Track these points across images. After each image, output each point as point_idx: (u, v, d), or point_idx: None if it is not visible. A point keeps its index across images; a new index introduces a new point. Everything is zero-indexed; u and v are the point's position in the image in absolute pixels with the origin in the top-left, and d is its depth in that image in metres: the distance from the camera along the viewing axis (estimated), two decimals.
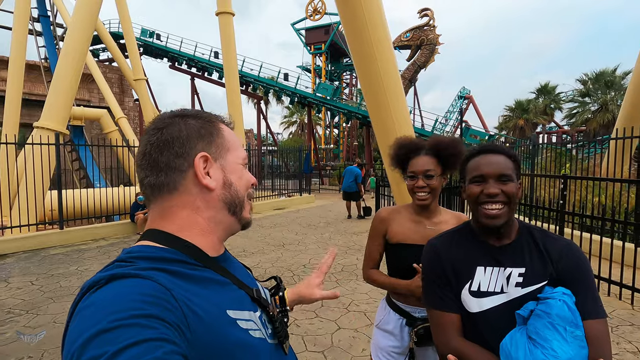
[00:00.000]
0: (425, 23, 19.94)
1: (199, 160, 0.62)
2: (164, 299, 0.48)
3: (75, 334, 0.43)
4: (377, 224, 1.52)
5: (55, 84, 7.10)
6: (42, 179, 6.65)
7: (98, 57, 25.00)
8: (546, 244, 0.97)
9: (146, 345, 0.41)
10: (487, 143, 1.06)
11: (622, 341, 3.01)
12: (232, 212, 0.67)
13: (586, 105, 21.90)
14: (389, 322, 1.49)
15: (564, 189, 4.45)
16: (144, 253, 0.56)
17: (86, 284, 0.50)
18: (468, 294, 0.98)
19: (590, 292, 0.91)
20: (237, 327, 0.57)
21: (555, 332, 0.81)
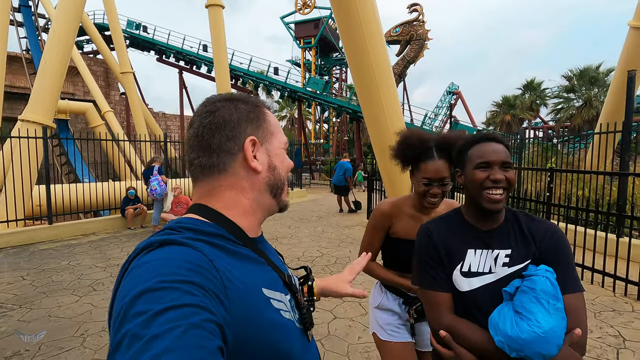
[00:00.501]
0: (415, 18, 19.99)
1: (249, 143, 0.65)
2: (206, 269, 0.51)
3: (127, 289, 0.47)
4: (381, 218, 1.53)
5: (40, 76, 6.93)
6: (29, 173, 6.51)
7: (82, 49, 24.37)
8: (531, 227, 1.05)
9: (185, 310, 0.44)
10: (487, 132, 1.12)
11: (604, 325, 3.16)
12: (274, 194, 0.70)
13: (571, 101, 22.41)
14: (388, 302, 1.57)
15: (550, 181, 4.59)
16: (192, 225, 0.59)
17: (139, 246, 0.54)
18: (459, 275, 1.05)
19: (569, 269, 0.99)
20: (270, 305, 0.59)
21: (539, 305, 0.88)
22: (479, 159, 1.05)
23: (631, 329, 3.09)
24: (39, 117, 6.76)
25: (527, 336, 0.86)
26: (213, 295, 0.49)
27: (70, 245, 6.21)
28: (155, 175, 7.11)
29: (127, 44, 22.09)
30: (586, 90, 21.53)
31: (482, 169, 1.04)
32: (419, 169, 1.41)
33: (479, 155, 1.06)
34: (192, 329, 0.42)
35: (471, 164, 1.07)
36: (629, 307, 3.53)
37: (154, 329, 0.41)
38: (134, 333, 0.41)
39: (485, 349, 0.95)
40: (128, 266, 0.52)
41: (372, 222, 1.57)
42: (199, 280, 0.48)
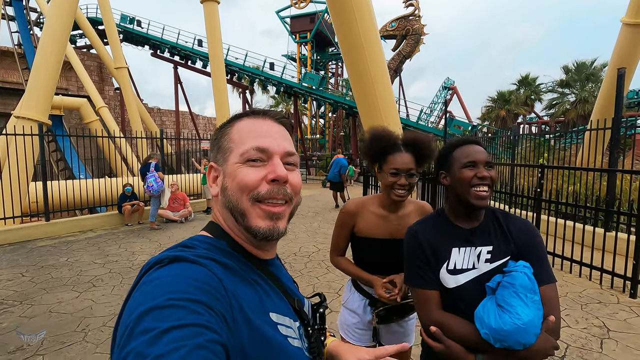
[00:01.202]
0: (411, 13, 19.96)
1: (208, 171, 0.69)
2: (215, 288, 0.51)
3: (134, 305, 0.47)
4: (346, 217, 1.55)
5: (35, 72, 6.90)
6: (25, 170, 6.51)
7: (75, 43, 24.09)
8: (508, 224, 1.14)
9: (191, 330, 0.43)
10: (470, 135, 1.21)
11: (590, 317, 3.27)
12: (235, 219, 0.63)
13: (565, 96, 22.57)
14: (353, 302, 1.59)
15: (541, 177, 4.69)
16: (204, 242, 0.61)
17: (152, 260, 0.55)
18: (446, 272, 1.12)
19: (543, 263, 1.09)
20: (278, 331, 0.58)
21: (518, 299, 0.97)
22: (465, 159, 1.14)
23: (615, 320, 3.21)
24: (34, 114, 6.76)
25: (509, 328, 0.95)
26: (220, 315, 0.49)
27: (68, 242, 6.24)
28: (151, 172, 7.13)
29: (121, 38, 21.87)
30: (581, 86, 21.69)
31: (470, 168, 1.13)
32: (387, 162, 1.45)
33: (465, 155, 1.14)
34: (197, 349, 0.42)
35: (458, 164, 1.15)
36: (615, 299, 3.65)
37: (159, 348, 0.41)
38: (138, 351, 0.41)
39: (473, 340, 1.04)
40: (139, 280, 0.53)
41: (338, 220, 1.60)
42: (207, 300, 0.48)
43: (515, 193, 5.33)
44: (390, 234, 1.50)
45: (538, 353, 0.97)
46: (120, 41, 19.17)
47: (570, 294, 3.79)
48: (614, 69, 7.95)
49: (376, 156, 1.49)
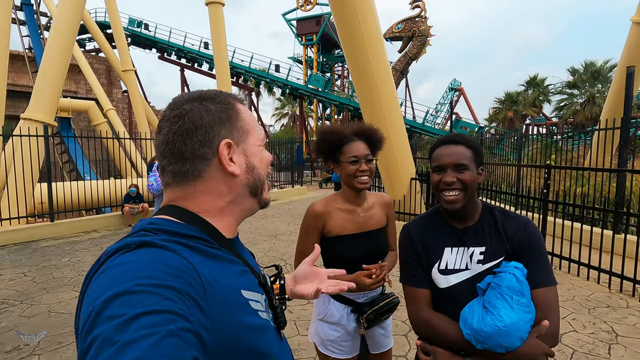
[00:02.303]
0: (417, 14, 19.92)
1: (224, 147, 0.62)
2: (187, 273, 0.49)
3: (99, 290, 0.44)
4: (312, 220, 1.49)
5: (42, 74, 6.98)
6: (31, 171, 6.58)
7: (84, 47, 24.43)
8: (505, 223, 1.09)
9: (163, 316, 0.42)
10: (450, 134, 1.17)
11: (597, 321, 3.17)
12: (254, 194, 0.68)
13: (574, 97, 22.27)
14: (333, 313, 1.49)
15: (547, 178, 4.59)
16: (167, 227, 0.57)
17: (114, 246, 0.51)
18: (437, 272, 1.10)
19: (541, 263, 1.03)
20: (250, 307, 0.59)
21: (503, 301, 0.94)
22: (434, 163, 1.12)
23: (624, 325, 3.10)
24: (40, 116, 6.82)
25: (489, 329, 0.93)
26: (192, 301, 0.47)
27: (71, 242, 6.28)
28: (153, 172, 7.16)
29: (129, 41, 22.14)
30: (590, 87, 21.38)
31: (437, 172, 1.10)
32: (343, 152, 1.47)
33: (434, 158, 1.12)
34: (169, 337, 0.40)
35: (432, 167, 1.14)
36: (624, 303, 3.54)
37: (129, 334, 0.39)
38: (106, 337, 0.39)
39: (457, 340, 1.01)
40: (99, 268, 0.50)
41: (303, 225, 1.51)
42: (179, 285, 0.46)
43: (521, 194, 5.23)
44: (360, 227, 1.50)
45: (525, 357, 0.93)
46: (128, 44, 19.41)
47: (578, 297, 3.68)
48: (624, 68, 7.80)
49: (330, 151, 1.51)
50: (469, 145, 1.09)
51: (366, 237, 1.49)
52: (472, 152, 1.09)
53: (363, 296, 1.48)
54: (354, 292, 1.47)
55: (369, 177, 1.46)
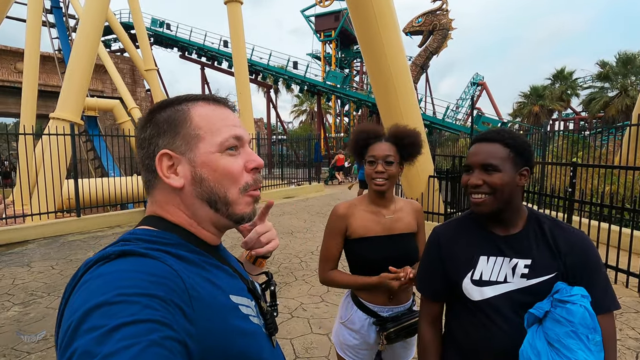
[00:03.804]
0: (438, 7, 19.47)
1: (158, 159, 0.60)
2: (171, 280, 0.48)
3: (79, 303, 0.44)
4: (336, 221, 1.46)
5: (69, 75, 7.26)
6: (59, 168, 6.87)
7: (110, 47, 25.24)
8: (555, 236, 0.96)
9: (145, 326, 0.41)
10: (490, 129, 1.07)
11: (625, 327, 3.02)
12: (215, 208, 0.62)
13: (604, 90, 21.23)
14: (354, 321, 1.45)
15: (573, 176, 4.40)
16: (148, 236, 0.56)
17: (93, 258, 0.50)
18: (470, 283, 0.99)
19: (603, 286, 0.92)
20: (239, 312, 0.58)
21: (579, 341, 0.80)
22: (466, 161, 1.03)
23: None
24: (67, 115, 7.11)
25: None
26: (176, 307, 0.46)
27: (97, 236, 6.53)
28: None
29: (151, 41, 22.70)
30: (622, 78, 20.31)
31: (467, 173, 1.02)
32: (367, 152, 1.45)
33: (467, 157, 1.03)
34: (152, 346, 0.40)
35: (464, 166, 1.05)
36: None
37: (110, 346, 0.38)
38: (85, 350, 0.38)
39: None
40: (79, 280, 0.49)
41: (327, 227, 1.49)
42: (161, 293, 0.45)
43: (545, 193, 5.04)
44: (387, 229, 1.44)
45: None
46: (151, 44, 19.90)
47: None
48: None
49: (359, 150, 1.48)
50: (507, 144, 0.96)
51: (393, 240, 1.42)
52: (510, 151, 0.96)
53: (388, 310, 1.42)
54: (379, 305, 1.42)
55: (386, 180, 1.39)
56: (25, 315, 3.36)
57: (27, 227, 6.41)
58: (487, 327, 0.96)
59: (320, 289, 3.90)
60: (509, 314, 0.94)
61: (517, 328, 0.91)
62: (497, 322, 0.95)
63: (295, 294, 3.80)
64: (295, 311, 3.41)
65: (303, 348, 2.79)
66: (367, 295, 1.44)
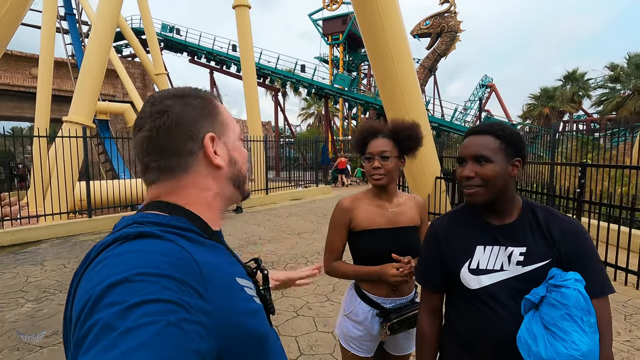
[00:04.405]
0: (446, 9, 19.38)
1: (209, 140, 0.63)
2: (186, 262, 0.49)
3: (98, 278, 0.44)
4: (340, 214, 1.49)
5: (81, 79, 7.44)
6: (71, 170, 7.03)
7: (121, 52, 25.71)
8: (549, 224, 0.98)
9: (163, 306, 0.42)
10: (482, 123, 1.09)
11: (634, 329, 2.98)
12: (237, 186, 0.70)
13: (616, 91, 20.88)
14: (358, 313, 1.47)
15: (581, 177, 4.35)
16: (158, 220, 0.57)
17: (109, 238, 0.51)
18: (467, 272, 1.01)
19: (597, 270, 0.93)
20: (245, 293, 0.60)
21: (574, 323, 0.82)
22: (459, 155, 1.06)
23: None
24: (79, 118, 7.28)
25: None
26: (192, 290, 0.47)
27: None
28: None
29: (162, 46, 23.06)
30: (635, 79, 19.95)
31: (460, 165, 1.04)
32: (366, 149, 1.47)
33: (460, 150, 1.06)
34: (171, 326, 0.41)
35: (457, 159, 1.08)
36: None
37: (131, 322, 0.39)
38: (107, 322, 0.39)
39: None
40: (95, 257, 0.50)
41: (332, 220, 1.52)
42: (178, 275, 0.47)
43: (553, 194, 4.98)
44: (390, 222, 1.46)
45: None
46: (161, 49, 20.21)
47: (614, 303, 3.47)
48: None
49: (361, 148, 1.50)
50: (498, 135, 0.98)
51: (396, 232, 1.45)
52: (502, 142, 0.98)
53: (391, 302, 1.44)
54: (382, 297, 1.44)
55: (383, 176, 1.42)
56: (39, 312, 3.45)
57: (40, 227, 6.56)
58: (485, 315, 0.98)
59: (325, 288, 3.92)
60: (506, 301, 0.95)
61: (515, 314, 0.93)
62: (495, 309, 0.96)
63: (301, 292, 3.83)
64: (301, 310, 3.43)
65: (308, 345, 2.81)
66: (371, 287, 1.46)
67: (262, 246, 5.75)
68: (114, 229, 0.57)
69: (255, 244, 5.95)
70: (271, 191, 11.29)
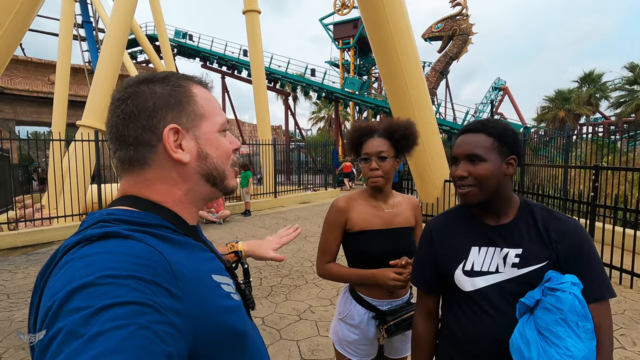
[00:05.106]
0: (458, 12, 19.25)
1: (168, 133, 0.58)
2: (155, 261, 0.47)
3: (60, 284, 0.42)
4: (335, 215, 1.46)
5: (94, 84, 7.62)
6: (83, 173, 7.18)
7: (136, 59, 26.32)
8: (547, 224, 0.94)
9: (133, 308, 0.40)
10: (475, 120, 1.06)
11: None
12: (212, 183, 0.64)
13: (635, 93, 20.29)
14: (354, 316, 1.45)
15: (595, 180, 4.21)
16: (128, 216, 0.54)
17: (72, 239, 0.48)
18: (462, 274, 0.98)
19: (597, 273, 0.89)
20: (222, 290, 0.59)
21: (568, 328, 0.79)
22: (452, 154, 1.03)
23: None
24: (92, 122, 7.44)
25: None
26: (163, 289, 0.46)
27: None
28: None
29: (175, 52, 23.50)
30: None
31: (454, 164, 1.02)
32: (362, 150, 1.44)
33: (453, 149, 1.03)
34: (141, 329, 0.39)
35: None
36: None
37: (98, 326, 0.37)
38: (70, 330, 0.37)
39: None
40: (58, 261, 0.47)
41: (326, 220, 1.49)
42: (147, 276, 0.44)
43: (566, 197, 4.84)
44: (386, 223, 1.44)
45: None
46: (174, 55, 20.60)
47: (629, 311, 3.32)
48: None
49: (355, 149, 1.47)
50: (491, 133, 0.95)
51: (392, 233, 1.43)
52: (495, 140, 0.95)
53: (387, 304, 1.42)
54: (377, 299, 1.42)
55: (381, 177, 1.40)
56: None
57: (53, 228, 6.71)
58: (479, 318, 0.95)
59: (329, 292, 3.88)
60: (500, 304, 0.93)
61: (509, 318, 0.90)
62: (489, 312, 0.94)
63: (304, 296, 3.79)
64: (304, 313, 3.40)
65: (309, 350, 2.78)
66: (366, 289, 1.43)
67: None
68: (80, 227, 0.55)
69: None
70: (280, 194, 11.31)
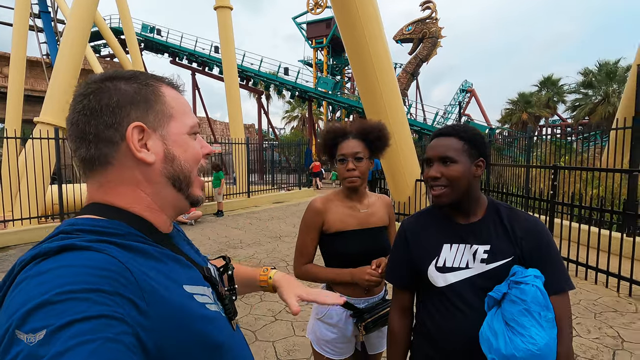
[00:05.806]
0: (428, 16, 19.84)
1: (132, 131, 0.55)
2: (118, 273, 0.45)
3: (17, 303, 0.40)
4: (313, 216, 1.47)
5: (54, 78, 7.19)
6: (42, 173, 6.76)
7: (99, 53, 25.06)
8: (512, 222, 1.01)
9: (97, 322, 0.38)
10: (446, 125, 1.13)
11: (603, 326, 3.07)
12: (178, 188, 0.61)
13: (589, 97, 21.75)
14: (332, 315, 1.46)
15: (554, 179, 4.48)
16: (91, 226, 0.51)
17: (29, 254, 0.46)
18: (434, 270, 1.03)
19: (557, 267, 0.96)
20: (195, 301, 0.56)
21: (531, 318, 0.85)
22: (424, 156, 1.08)
23: (631, 330, 2.99)
24: (52, 119, 7.01)
25: (522, 355, 0.82)
26: (127, 301, 0.44)
27: None
28: None
29: (142, 47, 22.59)
30: (604, 86, 20.85)
31: (427, 166, 1.06)
32: (337, 151, 1.47)
33: (426, 151, 1.08)
34: (109, 342, 0.37)
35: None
36: (633, 308, 3.41)
37: (59, 345, 0.35)
38: (28, 353, 0.35)
39: None
40: (14, 278, 0.44)
41: (303, 222, 1.50)
42: (111, 288, 0.43)
43: (528, 196, 5.11)
44: (361, 223, 1.47)
45: None
46: (141, 50, 19.81)
47: (584, 301, 3.57)
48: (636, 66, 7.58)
49: (329, 150, 1.50)
50: (461, 137, 1.02)
51: (368, 233, 1.46)
52: (465, 143, 1.01)
53: (364, 302, 1.45)
54: (355, 297, 1.44)
55: (358, 178, 1.43)
56: None
57: (8, 232, 6.28)
58: (451, 313, 1.00)
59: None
60: (471, 299, 0.98)
61: (479, 312, 0.95)
62: (460, 307, 0.99)
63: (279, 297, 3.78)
64: (279, 314, 3.38)
65: (285, 350, 2.77)
66: (343, 288, 1.45)
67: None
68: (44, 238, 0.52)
69: (235, 247, 5.86)
70: (253, 194, 11.17)
